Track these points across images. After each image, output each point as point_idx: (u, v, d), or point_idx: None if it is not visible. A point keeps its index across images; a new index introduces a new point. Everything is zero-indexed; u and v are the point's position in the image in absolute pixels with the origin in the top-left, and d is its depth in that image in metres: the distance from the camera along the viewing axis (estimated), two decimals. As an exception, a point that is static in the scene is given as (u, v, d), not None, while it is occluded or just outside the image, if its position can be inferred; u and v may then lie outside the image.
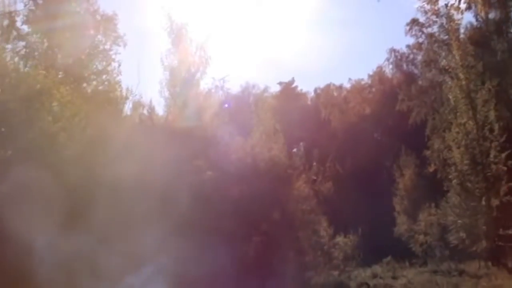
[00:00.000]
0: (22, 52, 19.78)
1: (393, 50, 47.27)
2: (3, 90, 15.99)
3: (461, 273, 23.47)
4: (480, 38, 33.22)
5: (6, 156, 16.06)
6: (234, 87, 47.89)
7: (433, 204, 29.84)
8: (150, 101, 22.97)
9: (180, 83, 22.64)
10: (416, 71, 45.95)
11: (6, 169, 15.00)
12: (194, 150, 20.20)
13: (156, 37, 30.28)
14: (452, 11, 27.72)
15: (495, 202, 21.97)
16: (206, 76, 23.67)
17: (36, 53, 20.11)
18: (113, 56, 21.76)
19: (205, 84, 24.34)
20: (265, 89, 51.70)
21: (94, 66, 21.35)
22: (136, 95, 22.18)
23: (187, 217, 17.91)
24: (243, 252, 19.42)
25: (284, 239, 21.43)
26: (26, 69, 18.91)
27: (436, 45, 35.56)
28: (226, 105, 20.86)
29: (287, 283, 19.43)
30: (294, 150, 32.96)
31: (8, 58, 18.37)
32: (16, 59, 19.24)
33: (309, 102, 55.44)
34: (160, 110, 23.46)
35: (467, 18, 41.72)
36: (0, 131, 16.04)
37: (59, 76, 19.82)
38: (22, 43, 20.07)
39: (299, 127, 39.94)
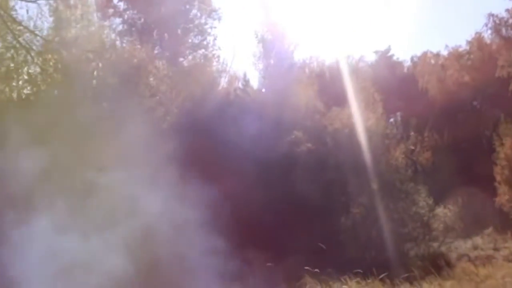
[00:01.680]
0: (119, 28, 20.21)
1: (491, 15, 45.32)
2: (102, 66, 16.35)
3: None
4: None
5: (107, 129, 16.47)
6: (329, 57, 47.28)
7: (536, 173, 28.71)
8: (245, 74, 23.04)
9: (274, 56, 22.59)
10: (516, 36, 44.06)
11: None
12: (290, 121, 20.12)
13: (250, 10, 30.23)
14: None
15: None
16: (300, 47, 23.55)
17: (133, 29, 20.49)
18: (209, 30, 21.93)
19: (299, 56, 24.22)
20: (361, 59, 50.82)
21: (190, 41, 21.58)
22: (231, 68, 22.33)
23: (284, 188, 17.92)
24: (341, 224, 19.30)
25: (382, 210, 21.12)
26: (124, 45, 19.29)
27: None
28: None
29: (386, 255, 19.15)
30: (391, 120, 32.36)
31: (105, 35, 18.81)
32: (113, 35, 19.70)
33: (405, 71, 54.12)
34: (255, 83, 23.51)
35: None
36: (101, 106, 16.45)
37: (155, 51, 20.15)
38: (118, 20, 20.51)
39: (395, 97, 39.12)
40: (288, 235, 16.49)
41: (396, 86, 42.52)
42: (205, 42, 21.57)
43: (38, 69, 17.13)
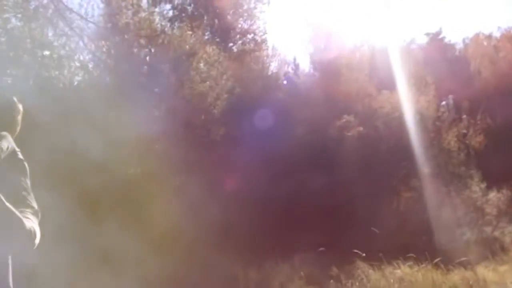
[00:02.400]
0: (169, 14, 20.31)
1: (545, -5, 44.39)
2: (154, 52, 16.49)
3: None
4: None
5: (159, 115, 16.66)
6: (379, 41, 46.76)
7: None
8: (294, 59, 22.97)
9: (324, 39, 22.47)
10: None
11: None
12: (341, 106, 20.03)
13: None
14: None
15: None
16: (350, 31, 23.39)
17: (183, 15, 20.57)
18: (258, 15, 21.88)
19: (349, 40, 24.04)
20: (412, 41, 50.13)
21: (240, 26, 21.59)
22: (280, 53, 22.30)
23: (335, 173, 17.90)
24: (393, 208, 19.19)
25: (434, 194, 20.92)
26: (174, 31, 19.39)
27: None
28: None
29: (438, 239, 18.99)
30: (443, 103, 31.86)
31: (156, 21, 18.94)
32: (164, 21, 19.82)
33: (457, 53, 53.24)
34: (304, 67, 23.42)
35: None
36: (153, 92, 16.62)
37: (206, 36, 20.22)
38: (169, 6, 20.61)
39: (447, 79, 38.52)
40: (340, 220, 16.49)
41: (447, 69, 41.82)
42: (254, 27, 21.52)
43: (89, 56, 17.42)
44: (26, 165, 5.38)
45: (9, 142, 4.81)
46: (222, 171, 16.77)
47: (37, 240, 4.69)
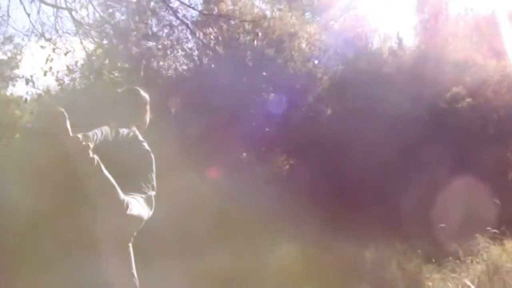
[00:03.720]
0: (268, -3, 20.35)
1: None
2: (260, 36, 16.58)
3: None
4: None
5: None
6: (484, 9, 45.17)
7: None
8: (398, 32, 22.47)
9: (428, 10, 21.93)
10: None
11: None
12: (448, 77, 19.52)
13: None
14: None
15: None
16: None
17: (281, -4, 20.58)
18: (358, -11, 21.63)
19: (453, 9, 23.31)
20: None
21: (340, 2, 21.39)
22: (383, 27, 21.91)
23: (446, 146, 17.51)
24: (498, 189, 18.47)
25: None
26: (274, 13, 19.45)
27: None
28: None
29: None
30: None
31: (256, 4, 19.06)
32: (263, 4, 19.90)
33: None
34: (409, 40, 22.88)
35: None
36: (261, 75, 16.74)
37: (306, 16, 20.19)
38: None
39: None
40: (459, 193, 16.08)
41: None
42: (355, 3, 21.27)
43: (192, 44, 17.71)
44: (152, 155, 5.55)
45: (106, 133, 4.96)
46: (332, 150, 16.78)
47: (132, 212, 4.96)
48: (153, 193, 5.44)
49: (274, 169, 16.17)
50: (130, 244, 5.36)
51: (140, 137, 5.52)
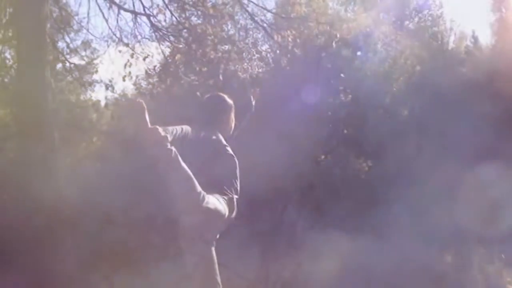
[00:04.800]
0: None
1: None
2: (338, 38, 16.50)
3: None
4: None
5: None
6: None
7: None
8: (473, 31, 22.10)
9: (505, 7, 21.47)
10: None
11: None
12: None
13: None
14: None
15: None
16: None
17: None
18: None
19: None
20: None
21: (415, 2, 21.27)
22: (458, 26, 21.63)
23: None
24: None
25: None
26: (348, 14, 19.44)
27: None
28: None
29: None
30: None
31: (330, 5, 19.04)
32: (337, 5, 19.89)
33: None
34: (485, 38, 22.45)
35: None
36: (339, 76, 16.69)
37: (380, 17, 20.08)
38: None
39: None
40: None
41: None
42: (430, 2, 21.07)
43: (265, 47, 17.82)
44: (236, 160, 5.59)
45: (186, 130, 4.98)
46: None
47: (208, 206, 4.88)
48: (236, 196, 5.45)
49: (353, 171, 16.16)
50: (213, 248, 5.27)
51: (224, 142, 5.56)
